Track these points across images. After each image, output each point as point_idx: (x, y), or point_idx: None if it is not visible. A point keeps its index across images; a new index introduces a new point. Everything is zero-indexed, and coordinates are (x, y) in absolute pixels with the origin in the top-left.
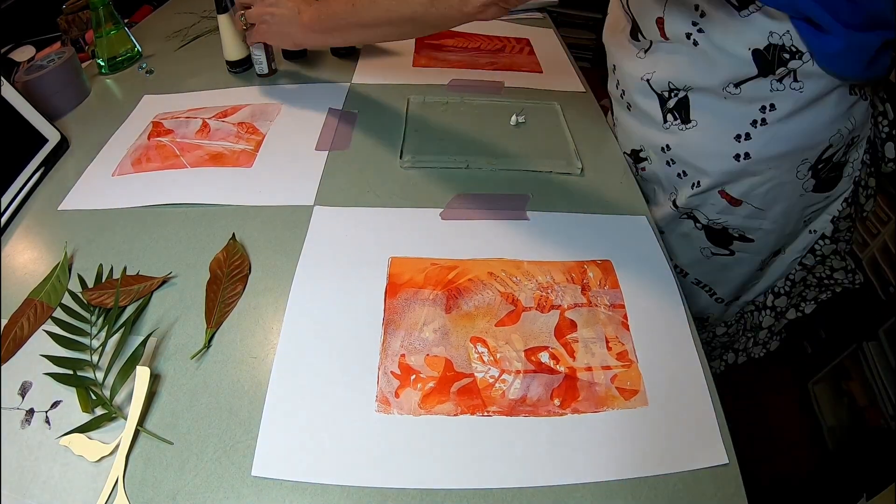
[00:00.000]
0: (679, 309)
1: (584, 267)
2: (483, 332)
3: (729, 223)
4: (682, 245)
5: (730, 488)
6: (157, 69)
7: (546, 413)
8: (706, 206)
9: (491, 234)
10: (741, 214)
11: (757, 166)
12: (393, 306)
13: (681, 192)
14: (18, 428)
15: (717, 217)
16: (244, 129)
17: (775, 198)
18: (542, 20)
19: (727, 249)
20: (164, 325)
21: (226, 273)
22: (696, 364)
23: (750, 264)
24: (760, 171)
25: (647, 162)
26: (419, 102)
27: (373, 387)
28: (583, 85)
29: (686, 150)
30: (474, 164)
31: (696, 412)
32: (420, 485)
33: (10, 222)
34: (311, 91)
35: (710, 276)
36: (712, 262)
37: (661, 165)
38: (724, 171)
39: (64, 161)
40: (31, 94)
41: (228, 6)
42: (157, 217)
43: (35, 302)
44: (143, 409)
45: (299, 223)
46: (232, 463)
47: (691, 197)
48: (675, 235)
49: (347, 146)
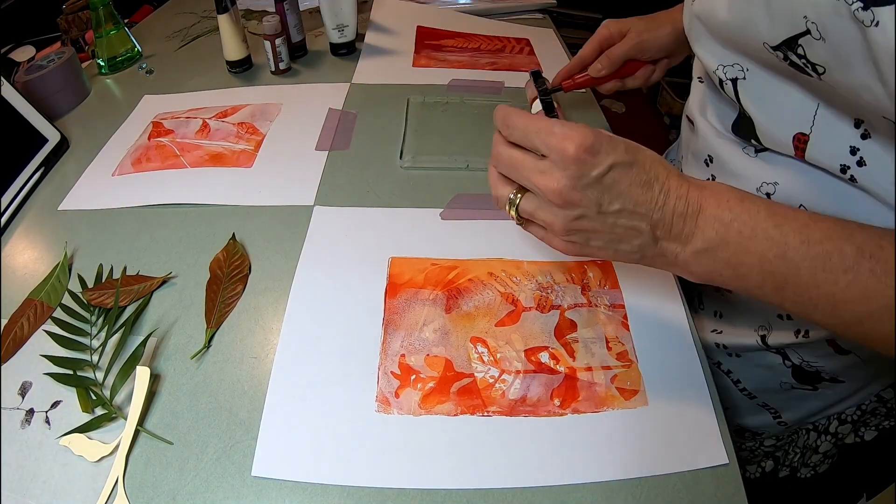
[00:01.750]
0: (679, 309)
1: (584, 267)
2: (483, 333)
3: (825, 368)
4: (758, 374)
5: (730, 488)
6: (157, 69)
7: (546, 413)
8: (805, 350)
9: (491, 234)
10: (843, 363)
11: None
12: (393, 306)
13: (776, 332)
14: (18, 428)
15: (814, 361)
16: (244, 129)
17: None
18: (543, 20)
19: (811, 386)
20: (164, 325)
21: (226, 273)
22: (696, 364)
23: (830, 399)
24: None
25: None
26: (419, 102)
27: (373, 387)
28: None
29: None
30: (474, 164)
31: (696, 412)
32: (420, 485)
33: (10, 222)
34: (311, 91)
35: (781, 403)
36: (788, 393)
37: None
38: None
39: (64, 161)
40: (31, 94)
41: (228, 6)
42: (157, 217)
43: (35, 302)
44: (143, 409)
45: (299, 223)
46: (232, 463)
47: (793, 344)
48: (753, 365)
49: (347, 146)
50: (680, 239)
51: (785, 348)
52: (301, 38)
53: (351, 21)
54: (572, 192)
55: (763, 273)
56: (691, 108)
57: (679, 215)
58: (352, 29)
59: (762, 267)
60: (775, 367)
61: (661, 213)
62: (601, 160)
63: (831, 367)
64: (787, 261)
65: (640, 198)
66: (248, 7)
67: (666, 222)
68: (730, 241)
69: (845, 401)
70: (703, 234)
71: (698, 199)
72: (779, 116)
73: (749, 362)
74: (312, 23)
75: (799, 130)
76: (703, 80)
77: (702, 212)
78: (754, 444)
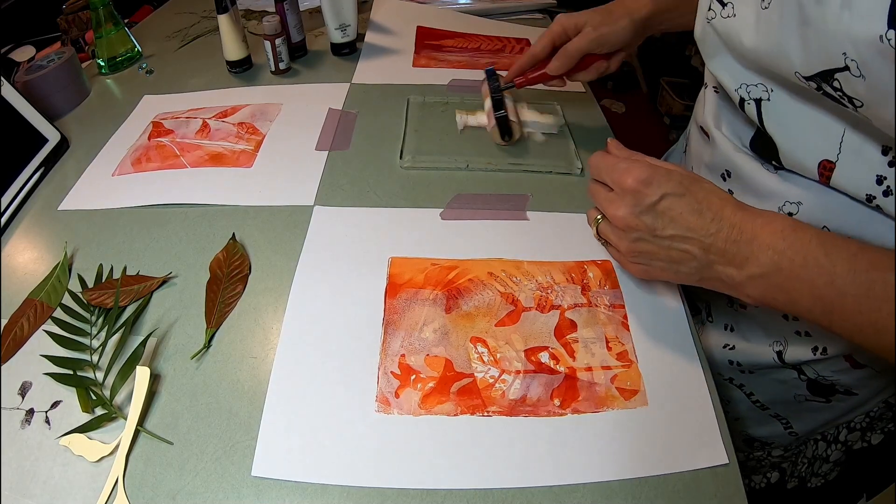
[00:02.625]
0: (679, 309)
1: (584, 267)
2: (483, 333)
3: (840, 381)
4: (772, 388)
5: (730, 488)
6: (157, 69)
7: (546, 413)
8: (821, 365)
9: (491, 234)
10: (858, 376)
11: None
12: (393, 306)
13: (793, 348)
14: (18, 428)
15: (830, 375)
16: (244, 129)
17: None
18: (542, 20)
19: (825, 399)
20: (164, 325)
21: (226, 273)
22: (696, 364)
23: (842, 410)
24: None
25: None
26: (419, 102)
27: (373, 387)
28: (583, 85)
29: None
30: (474, 164)
31: (696, 412)
32: (420, 485)
33: (10, 222)
34: (311, 91)
35: (793, 414)
36: (802, 405)
37: (772, 315)
38: None
39: (64, 161)
40: (31, 94)
41: (228, 6)
42: (157, 217)
43: (35, 302)
44: (143, 409)
45: (299, 223)
46: (232, 463)
47: (810, 361)
48: (769, 379)
49: (347, 146)
50: (734, 263)
51: (801, 364)
52: (301, 38)
53: (352, 21)
54: (630, 217)
55: (813, 298)
56: (706, 118)
57: (733, 242)
58: (353, 29)
59: (812, 293)
60: (789, 382)
61: (713, 238)
62: (654, 191)
63: (846, 381)
64: (835, 288)
65: (691, 224)
66: (248, 7)
67: (718, 248)
68: (783, 268)
69: (855, 410)
70: (757, 260)
71: (752, 227)
72: (804, 141)
73: (763, 377)
74: (312, 23)
75: (825, 157)
76: (718, 91)
77: (756, 239)
78: (762, 453)
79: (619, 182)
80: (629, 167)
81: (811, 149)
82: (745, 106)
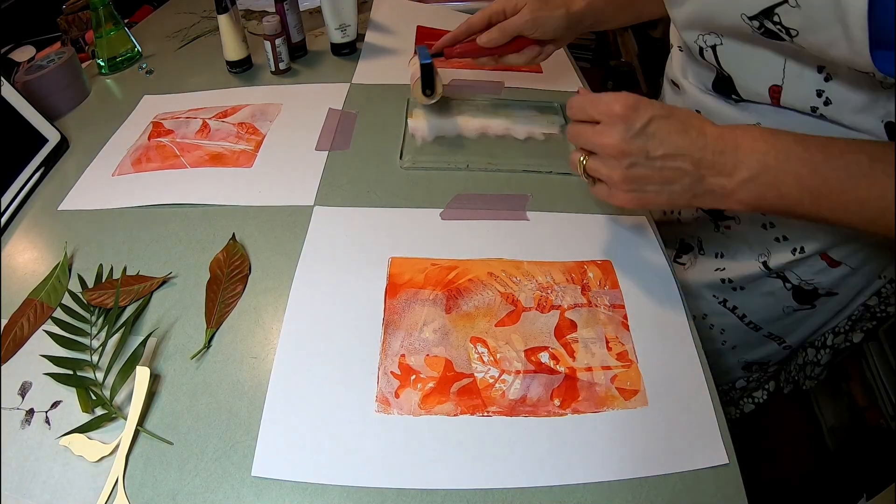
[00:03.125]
0: (679, 309)
1: (584, 267)
2: (483, 333)
3: (822, 283)
4: (763, 303)
5: (730, 488)
6: (157, 69)
7: (546, 413)
8: (802, 267)
9: (491, 234)
10: (836, 274)
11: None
12: (393, 306)
13: (775, 256)
14: (18, 428)
15: (811, 278)
16: (244, 129)
17: (869, 257)
18: None
19: (811, 305)
20: (164, 325)
21: (226, 273)
22: (696, 364)
23: (828, 314)
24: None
25: (735, 222)
26: (419, 102)
27: (373, 387)
28: (583, 85)
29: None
30: (474, 164)
31: (696, 412)
32: (420, 485)
33: (10, 222)
34: (311, 91)
35: (785, 329)
36: (791, 317)
37: (753, 228)
38: (836, 236)
39: (64, 161)
40: (31, 94)
41: (228, 6)
42: (157, 217)
43: (35, 302)
44: (143, 409)
45: (299, 223)
46: (232, 463)
47: (790, 262)
48: (758, 294)
49: (347, 146)
50: (725, 172)
51: (784, 270)
52: (301, 38)
53: (352, 21)
54: (622, 143)
55: (801, 188)
56: (675, 72)
57: (720, 153)
58: (353, 29)
59: (799, 183)
60: (777, 293)
61: (703, 152)
62: (642, 115)
63: (826, 282)
64: (819, 175)
65: (679, 142)
66: (248, 7)
67: (708, 161)
68: (770, 166)
69: (839, 315)
70: (745, 164)
71: (733, 137)
72: (754, 74)
73: (753, 293)
74: (312, 23)
75: (773, 83)
76: (682, 48)
77: (740, 147)
78: (761, 374)
79: (607, 112)
80: (615, 96)
81: (761, 78)
82: (704, 53)
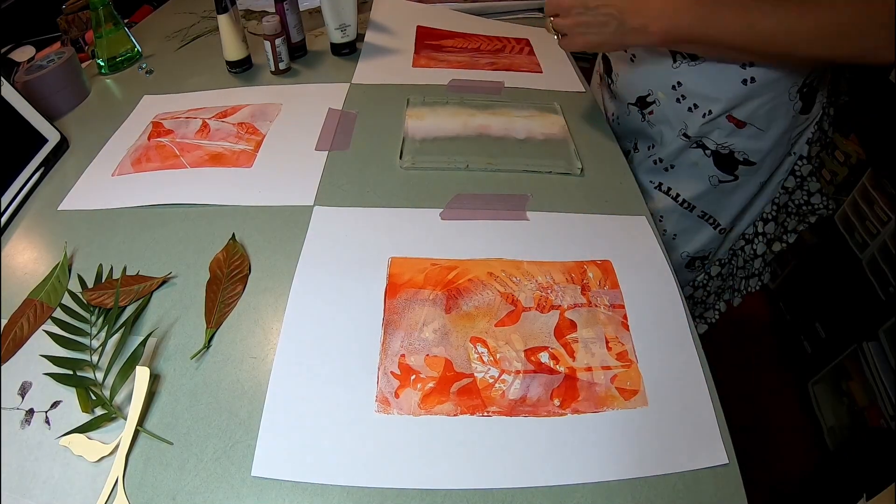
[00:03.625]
0: (679, 309)
1: (584, 267)
2: (483, 333)
3: (735, 146)
4: (691, 176)
5: (730, 488)
6: (157, 69)
7: (546, 413)
8: (715, 131)
9: (491, 234)
10: (745, 135)
11: (760, 89)
12: (393, 306)
13: (691, 123)
14: (18, 428)
15: (724, 141)
16: (244, 129)
17: (774, 118)
18: (542, 20)
19: (732, 175)
20: (164, 325)
21: (226, 273)
22: (696, 364)
23: (751, 187)
24: (762, 93)
25: (656, 105)
26: (419, 102)
27: (373, 387)
28: (583, 85)
29: (697, 83)
30: (474, 164)
31: (696, 412)
32: (420, 485)
33: (10, 222)
34: (311, 91)
35: (715, 206)
36: (718, 191)
37: (670, 104)
38: (733, 96)
39: (64, 161)
40: (31, 94)
41: (228, 6)
42: (157, 217)
43: (35, 302)
44: (143, 409)
45: (299, 223)
46: (232, 463)
47: (703, 126)
48: (685, 166)
49: (347, 146)
50: (641, 13)
51: (701, 137)
52: (301, 39)
53: (352, 21)
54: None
55: (699, 19)
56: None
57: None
58: (353, 29)
59: (697, 14)
60: (700, 163)
61: (623, 1)
62: None
63: (740, 145)
64: (712, 8)
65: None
66: (248, 7)
67: (627, 5)
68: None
69: (762, 192)
70: (654, 5)
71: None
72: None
73: (681, 167)
74: (312, 23)
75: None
76: None
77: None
78: (704, 278)
79: None
80: None
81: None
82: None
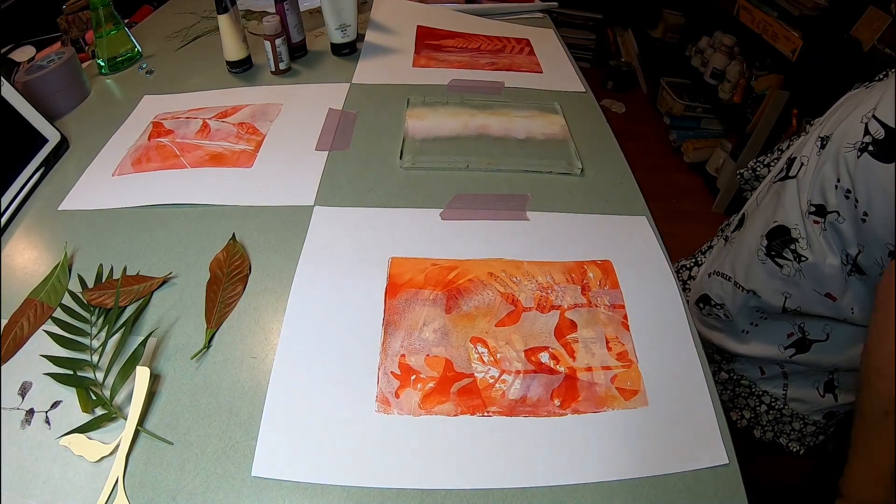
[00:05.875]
0: (679, 309)
1: (584, 267)
2: (483, 333)
3: None
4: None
5: (730, 488)
6: (157, 69)
7: (546, 413)
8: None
9: (491, 234)
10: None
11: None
12: (393, 306)
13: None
14: (18, 428)
15: None
16: (244, 129)
17: None
18: (542, 20)
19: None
20: (164, 325)
21: (226, 273)
22: (696, 364)
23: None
24: None
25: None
26: (419, 102)
27: (373, 387)
28: (583, 85)
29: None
30: (474, 164)
31: (696, 412)
32: (420, 485)
33: (10, 222)
34: (311, 91)
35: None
36: None
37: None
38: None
39: (64, 161)
40: (31, 94)
41: (229, 6)
42: (157, 217)
43: (35, 302)
44: (143, 409)
45: (299, 223)
46: (232, 463)
47: None
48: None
49: (347, 146)
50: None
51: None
52: (301, 39)
53: (352, 21)
54: None
55: None
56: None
57: None
58: (353, 29)
59: None
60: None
61: None
62: None
63: None
64: None
65: None
66: (248, 7)
67: None
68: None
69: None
70: None
71: None
72: None
73: None
74: (312, 23)
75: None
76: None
77: None
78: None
79: None
80: None
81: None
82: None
